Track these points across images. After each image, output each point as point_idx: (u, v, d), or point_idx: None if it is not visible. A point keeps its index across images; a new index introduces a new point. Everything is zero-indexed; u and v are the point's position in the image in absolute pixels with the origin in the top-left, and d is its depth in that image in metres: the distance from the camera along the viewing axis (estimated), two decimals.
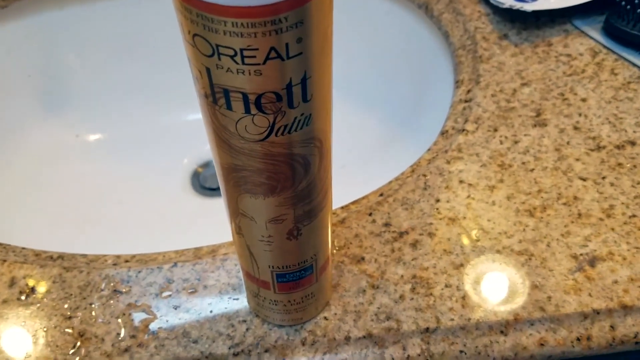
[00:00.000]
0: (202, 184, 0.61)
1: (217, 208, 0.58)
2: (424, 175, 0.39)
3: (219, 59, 0.18)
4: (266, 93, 0.19)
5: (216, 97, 0.19)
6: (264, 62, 0.18)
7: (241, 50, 0.17)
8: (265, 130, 0.20)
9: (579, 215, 0.36)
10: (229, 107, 0.19)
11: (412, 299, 0.33)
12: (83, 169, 0.59)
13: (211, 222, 0.56)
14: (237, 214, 0.25)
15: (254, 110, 0.19)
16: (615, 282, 0.33)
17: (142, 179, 0.59)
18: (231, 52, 0.17)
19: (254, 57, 0.17)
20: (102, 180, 0.58)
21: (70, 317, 0.33)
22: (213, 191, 0.60)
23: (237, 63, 0.18)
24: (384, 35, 0.57)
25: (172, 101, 0.62)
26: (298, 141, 0.21)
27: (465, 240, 0.35)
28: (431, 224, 0.36)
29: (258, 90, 0.18)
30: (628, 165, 0.39)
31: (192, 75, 0.20)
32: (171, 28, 0.60)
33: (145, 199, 0.57)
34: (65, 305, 0.33)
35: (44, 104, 0.59)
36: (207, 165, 0.62)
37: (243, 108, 0.19)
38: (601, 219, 0.36)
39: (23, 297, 0.34)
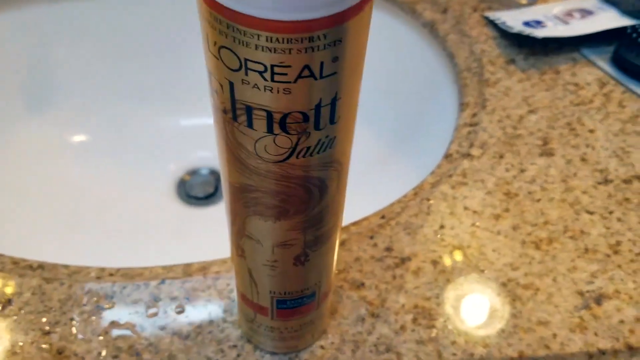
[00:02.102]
0: (187, 192, 0.58)
1: (203, 218, 0.56)
2: (428, 200, 0.37)
3: (246, 74, 0.16)
4: (293, 113, 0.17)
5: (237, 113, 0.18)
6: (295, 81, 0.16)
7: (272, 66, 0.15)
8: (287, 152, 0.18)
9: (586, 250, 0.35)
10: (250, 125, 0.18)
11: (413, 330, 0.32)
12: (66, 172, 0.56)
13: (195, 233, 0.54)
14: (241, 235, 0.23)
15: (277, 130, 0.18)
16: (622, 321, 0.32)
17: (126, 184, 0.56)
18: (261, 68, 0.16)
19: (285, 74, 0.16)
20: (84, 183, 0.56)
21: (49, 333, 0.30)
22: (199, 200, 0.58)
23: (265, 80, 0.16)
24: (386, 52, 0.56)
25: (161, 105, 0.60)
26: (318, 164, 0.19)
27: (470, 270, 0.34)
28: (435, 251, 0.35)
29: (284, 109, 0.17)
30: (635, 200, 0.38)
31: (210, 88, 0.18)
32: (164, 29, 0.58)
33: (128, 204, 0.55)
34: (44, 319, 0.31)
35: (29, 102, 0.57)
36: (194, 172, 0.60)
37: (265, 127, 0.17)
38: (608, 255, 0.35)
39: None
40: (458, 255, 0.35)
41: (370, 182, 0.50)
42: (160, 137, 0.59)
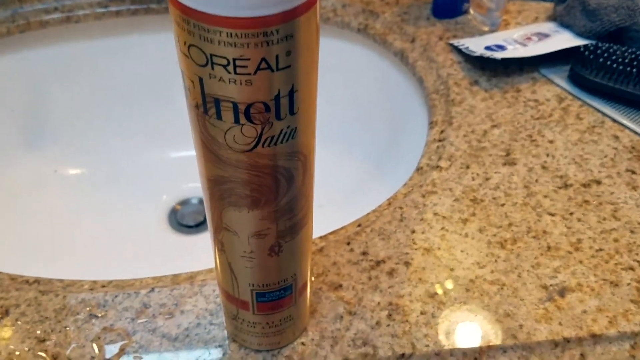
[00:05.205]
0: (179, 221, 0.61)
1: (193, 245, 0.58)
2: (400, 208, 0.40)
3: (212, 68, 0.19)
4: (255, 103, 0.20)
5: (207, 106, 0.20)
6: (255, 73, 0.19)
7: (234, 59, 0.18)
8: (253, 141, 0.21)
9: (548, 248, 0.38)
10: (219, 117, 0.20)
11: (388, 325, 0.34)
12: (60, 203, 0.59)
13: (187, 259, 0.56)
14: (220, 229, 0.26)
15: (242, 120, 0.20)
16: (584, 311, 0.35)
17: (119, 215, 0.59)
18: (224, 62, 0.19)
19: (246, 67, 0.19)
20: (79, 212, 0.58)
21: (44, 340, 0.32)
22: (190, 228, 0.60)
23: (229, 72, 0.19)
24: (362, 79, 0.59)
25: (153, 138, 0.63)
26: (283, 153, 0.22)
27: (440, 270, 0.36)
28: (407, 253, 0.37)
29: (248, 100, 0.20)
30: (594, 202, 0.41)
31: (184, 87, 0.21)
32: (152, 67, 0.62)
33: (122, 234, 0.57)
34: (40, 329, 0.33)
35: (25, 138, 0.60)
36: (185, 202, 0.62)
37: (232, 118, 0.20)
38: (570, 252, 0.38)
39: None
40: (428, 257, 0.37)
41: (352, 198, 0.53)
42: (152, 169, 0.62)
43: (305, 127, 0.22)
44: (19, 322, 0.33)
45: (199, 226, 0.61)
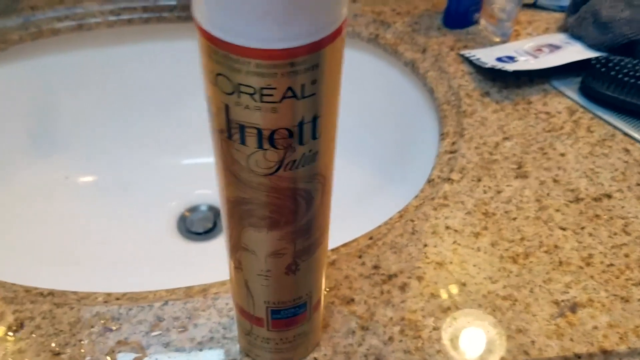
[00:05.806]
0: (188, 228, 0.61)
1: (202, 252, 0.59)
2: (412, 221, 0.40)
3: (239, 96, 0.19)
4: (279, 129, 0.20)
5: (231, 132, 0.20)
6: (280, 101, 0.19)
7: (261, 88, 0.19)
8: (275, 165, 0.21)
9: (560, 263, 0.38)
10: (243, 142, 0.21)
11: (400, 340, 0.34)
12: (71, 210, 0.59)
13: (196, 266, 0.56)
14: (238, 247, 0.26)
15: (266, 146, 0.20)
16: (595, 327, 0.35)
17: (129, 221, 0.59)
18: (251, 91, 0.19)
19: (272, 95, 0.19)
20: (91, 220, 0.58)
21: (59, 354, 0.33)
22: (199, 235, 0.60)
23: (255, 101, 0.19)
24: (372, 90, 0.59)
25: (163, 145, 0.64)
26: (304, 176, 0.22)
27: (452, 284, 0.36)
28: (419, 267, 0.37)
29: (272, 126, 0.20)
30: (605, 216, 0.41)
31: (208, 112, 0.21)
32: (163, 75, 0.62)
33: (131, 240, 0.58)
34: (54, 342, 0.33)
35: (35, 145, 0.60)
36: (194, 209, 0.62)
37: (256, 143, 0.20)
38: (581, 267, 0.38)
39: (11, 333, 0.33)
40: (440, 271, 0.37)
41: (361, 209, 0.53)
42: (162, 176, 0.62)
43: (326, 150, 0.22)
44: (33, 335, 0.33)
45: (208, 233, 0.61)
